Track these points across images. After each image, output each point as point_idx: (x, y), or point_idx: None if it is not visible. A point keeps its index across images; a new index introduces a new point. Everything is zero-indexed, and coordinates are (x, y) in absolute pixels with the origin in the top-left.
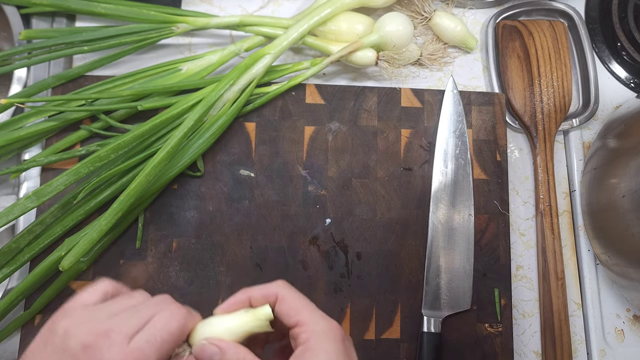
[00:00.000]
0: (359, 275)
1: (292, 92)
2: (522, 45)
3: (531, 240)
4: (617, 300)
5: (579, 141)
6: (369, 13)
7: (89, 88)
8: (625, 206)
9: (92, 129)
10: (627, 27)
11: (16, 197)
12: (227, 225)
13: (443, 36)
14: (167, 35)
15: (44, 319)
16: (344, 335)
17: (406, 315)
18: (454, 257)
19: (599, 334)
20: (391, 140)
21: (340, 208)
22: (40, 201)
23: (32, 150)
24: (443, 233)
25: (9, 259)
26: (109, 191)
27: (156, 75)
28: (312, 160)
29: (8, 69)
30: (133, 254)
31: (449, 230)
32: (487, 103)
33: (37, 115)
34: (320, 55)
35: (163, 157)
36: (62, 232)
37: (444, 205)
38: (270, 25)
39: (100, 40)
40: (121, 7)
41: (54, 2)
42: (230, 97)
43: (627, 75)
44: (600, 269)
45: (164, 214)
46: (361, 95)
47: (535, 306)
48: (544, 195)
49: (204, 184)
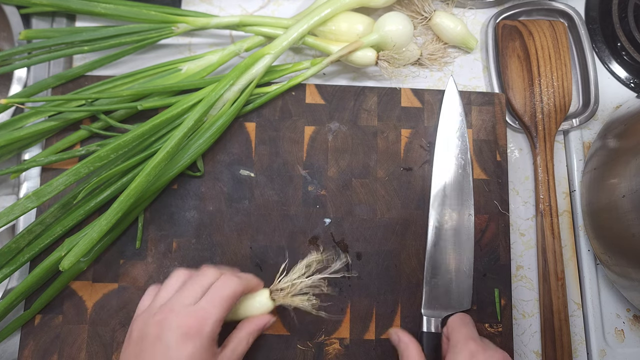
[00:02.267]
0: (359, 275)
1: (292, 92)
2: (522, 45)
3: (531, 240)
4: (617, 301)
5: (579, 141)
6: (369, 13)
7: (89, 88)
8: (626, 206)
9: (92, 129)
10: (627, 27)
11: (16, 197)
12: (227, 225)
13: (443, 36)
14: (167, 35)
15: (44, 319)
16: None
17: (406, 315)
18: (454, 257)
19: (599, 334)
20: (391, 140)
21: (340, 208)
22: (40, 201)
23: (32, 150)
24: (443, 233)
25: (9, 259)
26: (109, 191)
27: (156, 75)
28: (312, 160)
29: (8, 69)
30: (133, 254)
31: (449, 230)
32: (487, 103)
33: (37, 115)
34: (320, 55)
35: (163, 157)
36: (62, 232)
37: (444, 206)
38: (270, 25)
39: (100, 40)
40: (121, 7)
41: (53, 2)
42: (230, 97)
43: (627, 75)
44: (601, 269)
45: (164, 214)
46: (361, 95)
47: (535, 306)
48: (544, 195)
49: (204, 184)
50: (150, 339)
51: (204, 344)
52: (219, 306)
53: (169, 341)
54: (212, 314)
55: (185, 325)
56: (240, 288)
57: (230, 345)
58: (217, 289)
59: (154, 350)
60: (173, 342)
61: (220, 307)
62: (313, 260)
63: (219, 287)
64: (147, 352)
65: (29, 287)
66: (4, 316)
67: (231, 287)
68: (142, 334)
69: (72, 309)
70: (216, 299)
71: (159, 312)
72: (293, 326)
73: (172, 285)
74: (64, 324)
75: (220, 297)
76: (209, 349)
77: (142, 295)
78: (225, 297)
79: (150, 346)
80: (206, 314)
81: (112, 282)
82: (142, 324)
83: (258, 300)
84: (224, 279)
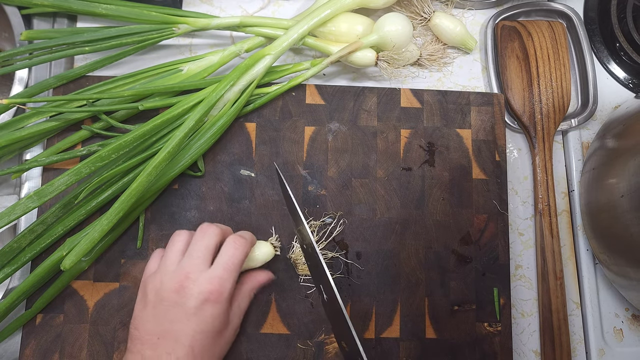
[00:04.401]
0: (358, 274)
1: (293, 93)
2: (521, 46)
3: (530, 240)
4: (616, 300)
5: (577, 141)
6: (369, 14)
7: (90, 88)
8: (624, 206)
9: (93, 129)
10: (625, 28)
11: (18, 197)
12: (228, 224)
13: (442, 37)
14: (168, 36)
15: (45, 319)
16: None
17: (406, 314)
18: None
19: (597, 334)
20: (391, 140)
21: (340, 208)
22: (41, 201)
23: (34, 150)
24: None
25: (11, 259)
26: (110, 191)
27: (157, 76)
28: (312, 160)
29: (9, 69)
30: (134, 254)
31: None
32: (486, 103)
33: (38, 115)
34: (320, 55)
35: (164, 157)
36: (63, 231)
37: None
38: (271, 26)
39: (102, 40)
40: (122, 7)
41: (55, 3)
42: (230, 98)
43: (625, 75)
44: (599, 268)
45: (165, 214)
46: (361, 95)
47: (534, 305)
48: (542, 195)
49: (205, 183)
50: (170, 303)
51: (223, 306)
52: (234, 271)
53: (190, 307)
54: (228, 280)
55: (206, 291)
56: (249, 249)
57: (237, 301)
58: (230, 255)
59: (175, 313)
60: (194, 308)
61: (235, 271)
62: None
63: (231, 253)
64: (169, 314)
65: (30, 286)
66: (5, 315)
67: (243, 251)
68: (159, 297)
69: (73, 309)
70: (230, 265)
71: (174, 276)
72: (293, 325)
73: (178, 247)
74: (65, 323)
75: (234, 263)
76: (226, 311)
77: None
78: (238, 262)
79: (172, 309)
80: (223, 281)
81: (113, 282)
82: (159, 284)
83: (260, 251)
84: (233, 244)
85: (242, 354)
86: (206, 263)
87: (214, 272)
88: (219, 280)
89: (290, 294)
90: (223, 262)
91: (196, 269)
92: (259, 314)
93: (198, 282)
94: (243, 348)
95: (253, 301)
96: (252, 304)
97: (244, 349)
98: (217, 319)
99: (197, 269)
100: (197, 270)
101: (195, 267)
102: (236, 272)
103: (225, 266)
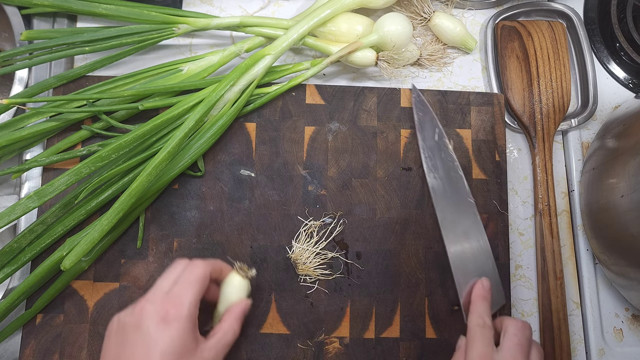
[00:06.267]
0: (358, 274)
1: (292, 93)
2: (521, 46)
3: (530, 240)
4: (616, 300)
5: (577, 141)
6: (369, 14)
7: (90, 88)
8: (624, 206)
9: (93, 129)
10: (625, 28)
11: (18, 197)
12: (228, 224)
13: (442, 37)
14: (168, 36)
15: (45, 319)
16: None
17: (406, 314)
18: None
19: (597, 334)
20: (391, 140)
21: (340, 208)
22: (41, 201)
23: (34, 150)
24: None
25: (11, 259)
26: (110, 191)
27: (157, 76)
28: (312, 160)
29: (9, 69)
30: (134, 254)
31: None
32: (486, 103)
33: (38, 115)
34: (320, 55)
35: (164, 157)
36: (63, 231)
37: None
38: (271, 26)
39: (102, 40)
40: (122, 7)
41: (55, 3)
42: (230, 98)
43: (625, 75)
44: (599, 268)
45: (165, 214)
46: (361, 95)
47: (534, 305)
48: (542, 195)
49: (205, 183)
50: (130, 329)
51: (183, 326)
52: (191, 288)
53: (148, 328)
54: (185, 297)
55: (162, 310)
56: (207, 268)
57: (216, 336)
58: (186, 274)
59: (134, 339)
60: (152, 328)
61: (192, 289)
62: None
63: (187, 272)
64: (128, 342)
65: (30, 286)
66: (5, 316)
67: (198, 269)
68: (120, 325)
69: (74, 309)
70: (186, 283)
71: (135, 304)
72: (293, 325)
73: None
74: (65, 323)
75: (189, 280)
76: (189, 332)
77: (143, 294)
78: (194, 279)
79: (131, 336)
80: (180, 297)
81: (114, 282)
82: (121, 317)
83: (232, 285)
84: (191, 264)
85: (242, 354)
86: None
87: (171, 292)
88: (176, 297)
89: (290, 294)
90: (179, 281)
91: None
92: (259, 314)
93: (155, 303)
94: (243, 348)
95: (253, 301)
96: (252, 305)
97: (244, 349)
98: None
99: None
100: (157, 294)
101: (155, 292)
102: (195, 291)
103: (181, 284)
